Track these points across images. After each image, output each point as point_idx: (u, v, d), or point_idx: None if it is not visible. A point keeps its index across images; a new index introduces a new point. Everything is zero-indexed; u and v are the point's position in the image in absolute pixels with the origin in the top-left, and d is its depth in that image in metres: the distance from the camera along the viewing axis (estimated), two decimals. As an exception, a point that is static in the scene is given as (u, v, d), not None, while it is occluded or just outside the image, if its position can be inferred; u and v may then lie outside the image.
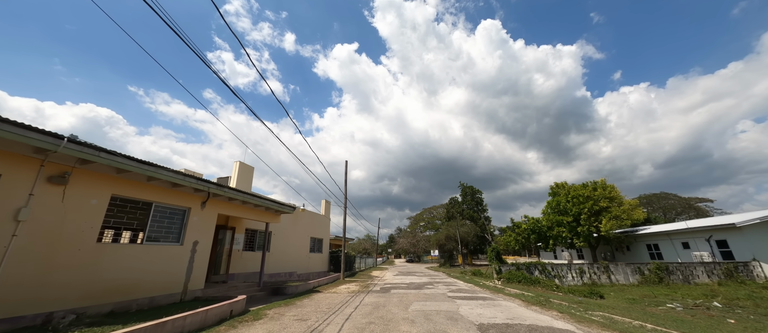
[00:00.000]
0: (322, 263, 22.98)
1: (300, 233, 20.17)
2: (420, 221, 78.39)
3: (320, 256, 22.81)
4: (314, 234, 22.04)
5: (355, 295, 12.76)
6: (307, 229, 21.17)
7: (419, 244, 70.72)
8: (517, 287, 15.62)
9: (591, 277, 19.41)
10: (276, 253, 17.33)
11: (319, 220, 23.02)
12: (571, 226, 30.52)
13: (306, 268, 20.49)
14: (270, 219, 13.55)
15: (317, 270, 22.17)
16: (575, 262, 20.94)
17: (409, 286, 16.40)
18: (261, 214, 12.89)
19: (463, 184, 55.89)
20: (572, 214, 30.59)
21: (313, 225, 22.06)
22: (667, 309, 11.35)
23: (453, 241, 48.69)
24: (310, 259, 21.12)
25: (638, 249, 28.09)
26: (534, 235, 34.11)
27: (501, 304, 10.33)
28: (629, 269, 19.49)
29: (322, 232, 23.33)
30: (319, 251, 22.91)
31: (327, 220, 24.27)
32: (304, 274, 20.17)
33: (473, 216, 52.06)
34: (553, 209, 33.40)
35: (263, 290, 12.42)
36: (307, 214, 21.32)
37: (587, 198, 29.03)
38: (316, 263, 22.14)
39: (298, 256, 19.62)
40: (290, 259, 18.70)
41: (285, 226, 18.46)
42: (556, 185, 35.16)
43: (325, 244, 23.79)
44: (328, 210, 24.96)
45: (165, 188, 8.79)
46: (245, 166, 15.24)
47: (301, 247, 20.24)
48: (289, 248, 18.75)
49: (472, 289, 15.19)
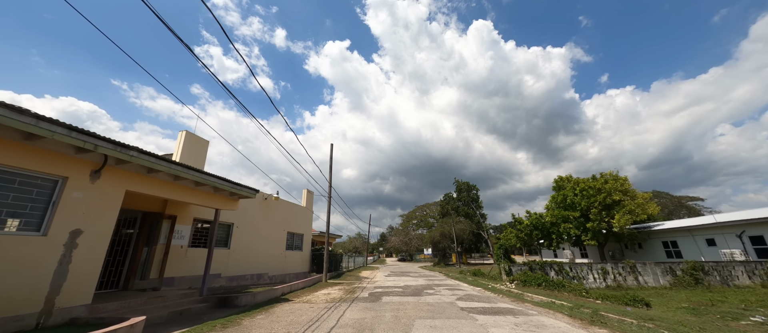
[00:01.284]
0: (302, 263, 19.48)
1: (274, 227, 16.64)
2: (412, 219, 75.35)
3: (300, 254, 19.30)
4: (292, 228, 18.52)
5: (334, 305, 9.38)
6: (284, 222, 17.65)
7: (412, 243, 67.62)
8: (539, 292, 12.47)
9: (615, 278, 16.48)
10: (240, 251, 13.78)
11: (298, 212, 19.52)
12: (578, 221, 27.73)
13: (281, 269, 16.97)
14: (222, 204, 10.03)
15: (296, 271, 18.66)
16: (587, 261, 18.04)
17: (405, 291, 13.08)
18: (207, 198, 9.38)
19: (458, 180, 53.00)
20: (580, 209, 27.81)
21: (292, 218, 18.55)
22: (755, 324, 8.33)
23: (448, 239, 45.66)
24: (286, 257, 17.60)
25: (652, 247, 25.46)
26: (536, 231, 31.25)
27: (542, 321, 7.09)
28: (659, 269, 16.62)
29: (303, 227, 19.83)
30: (299, 249, 19.40)
31: (309, 212, 20.78)
32: (278, 275, 16.64)
33: (469, 213, 49.17)
34: (557, 204, 30.59)
35: (206, 301, 8.90)
36: (282, 205, 17.79)
37: (598, 191, 26.29)
38: (295, 263, 18.63)
39: (270, 254, 16.09)
40: (260, 257, 15.16)
41: (253, 218, 14.92)
42: (561, 178, 32.41)
43: (307, 240, 20.29)
44: (311, 201, 21.46)
45: (13, 141, 5.26)
46: (195, 137, 11.66)
47: (276, 244, 16.71)
48: (259, 245, 15.22)
49: (484, 295, 11.96)
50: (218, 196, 9.80)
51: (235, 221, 13.57)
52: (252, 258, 14.56)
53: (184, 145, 11.24)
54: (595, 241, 26.61)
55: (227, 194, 10.09)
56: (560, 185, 32.06)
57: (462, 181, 52.41)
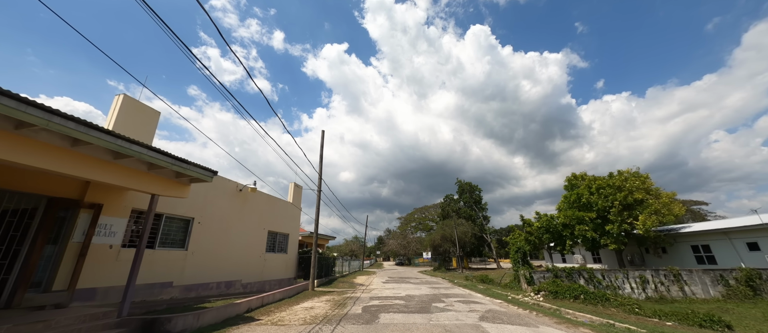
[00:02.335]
0: (286, 267, 16.63)
1: (251, 224, 13.83)
2: (411, 222, 72.56)
3: (284, 257, 16.45)
4: (275, 227, 15.70)
5: (313, 330, 6.61)
6: (264, 219, 14.84)
7: (410, 246, 64.75)
8: (579, 307, 9.74)
9: (657, 288, 13.80)
10: (203, 253, 10.96)
11: (283, 208, 16.70)
12: (595, 223, 25.12)
13: (259, 275, 14.13)
14: (163, 188, 7.25)
15: (279, 276, 15.81)
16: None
17: (409, 305, 10.30)
18: (135, 178, 6.61)
19: (461, 181, 50.37)
20: (596, 209, 25.21)
21: (274, 214, 15.74)
22: None
23: (449, 242, 42.89)
24: (266, 261, 14.75)
25: (679, 251, 22.84)
26: (547, 234, 28.54)
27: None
28: (708, 278, 13.95)
29: (289, 225, 17.01)
30: (283, 251, 16.56)
31: (296, 210, 17.96)
32: (255, 283, 13.79)
33: (471, 214, 46.49)
34: (570, 204, 27.97)
35: (123, 326, 6.08)
36: (262, 199, 14.99)
37: (618, 189, 23.71)
38: (277, 267, 15.78)
39: (245, 257, 13.26)
40: (231, 261, 12.34)
41: (223, 212, 12.12)
42: (574, 176, 29.86)
43: (293, 241, 17.45)
44: (299, 197, 18.66)
45: None
46: (138, 105, 8.88)
47: (253, 245, 13.89)
48: (231, 246, 12.41)
49: (511, 311, 9.21)
50: (154, 176, 7.02)
51: (196, 215, 10.76)
52: (220, 262, 11.73)
53: (120, 111, 8.46)
54: (615, 244, 23.97)
55: (171, 175, 7.32)
56: (573, 183, 29.49)
57: (464, 182, 49.79)
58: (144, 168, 6.77)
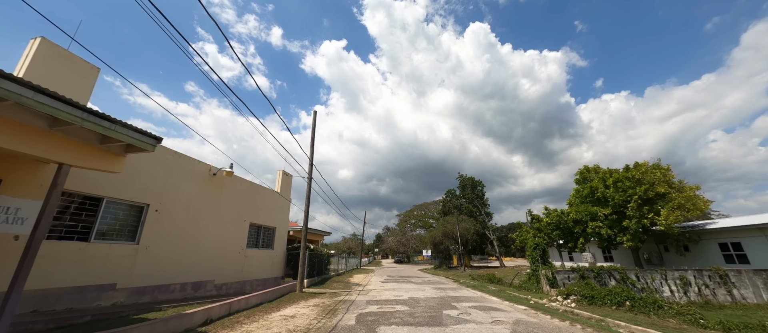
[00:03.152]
0: (272, 265, 14.56)
1: (228, 215, 11.76)
2: (410, 219, 70.67)
3: (269, 254, 14.39)
4: (259, 219, 13.63)
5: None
6: (245, 209, 12.77)
7: (409, 244, 62.86)
8: (627, 318, 7.74)
9: (700, 291, 11.83)
10: (162, 248, 8.90)
11: (268, 198, 14.63)
12: (611, 219, 23.18)
13: (238, 274, 12.07)
14: (78, 157, 5.18)
15: (263, 276, 13.76)
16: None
17: (414, 313, 8.27)
18: (33, 140, 4.54)
19: (463, 176, 48.38)
20: (612, 204, 23.26)
21: (258, 205, 13.67)
22: None
23: (450, 240, 40.94)
24: (248, 258, 12.69)
25: (704, 249, 20.92)
26: (557, 231, 26.59)
27: None
28: (760, 280, 12.00)
29: (276, 218, 14.95)
30: (268, 246, 14.50)
31: (284, 201, 15.89)
32: (233, 283, 11.74)
33: (473, 211, 44.54)
34: (583, 198, 26.02)
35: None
36: (242, 186, 12.91)
37: (637, 182, 21.74)
38: (261, 265, 13.72)
39: (220, 253, 11.20)
40: (202, 258, 10.28)
41: (190, 199, 10.05)
42: (587, 169, 27.91)
43: (281, 236, 15.39)
44: (288, 187, 16.57)
45: None
46: (59, 50, 6.78)
47: (230, 239, 11.83)
48: (201, 239, 10.35)
49: (547, 322, 7.17)
50: (63, 139, 4.94)
51: (152, 201, 8.68)
52: (185, 258, 9.66)
53: (35, 58, 6.35)
54: (633, 242, 22.03)
55: (94, 139, 5.26)
56: (586, 177, 27.54)
57: (466, 177, 47.80)
58: (43, 124, 4.69)
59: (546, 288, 12.37)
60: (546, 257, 14.43)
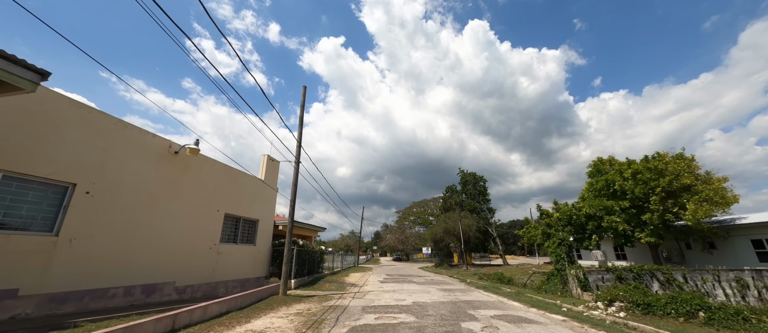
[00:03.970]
0: (253, 263, 12.51)
1: (194, 203, 9.70)
2: (409, 216, 68.80)
3: (250, 250, 12.34)
4: (236, 210, 11.57)
5: None
6: (218, 197, 10.71)
7: (408, 241, 61.04)
8: None
9: (761, 295, 9.87)
10: (95, 241, 6.84)
11: (249, 186, 12.57)
12: (629, 213, 21.29)
13: (208, 274, 10.01)
14: None
15: (241, 275, 11.72)
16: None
17: (423, 327, 6.24)
18: None
19: (464, 171, 46.42)
20: (630, 198, 21.36)
21: (235, 193, 11.61)
22: None
23: (452, 237, 39.02)
24: (222, 255, 10.62)
25: (733, 247, 19.05)
26: (569, 227, 24.67)
27: None
28: (832, 282, 10.03)
29: (258, 209, 12.90)
30: (249, 242, 12.45)
31: (270, 191, 13.82)
32: (201, 285, 9.69)
33: (476, 207, 42.61)
34: (597, 192, 24.11)
35: None
36: (215, 170, 10.83)
37: (659, 173, 19.82)
38: (240, 263, 11.66)
39: (183, 248, 9.15)
40: (157, 254, 8.23)
41: (139, 180, 7.98)
42: (601, 160, 25.97)
43: (265, 230, 13.34)
44: (275, 174, 14.50)
45: None
46: None
47: (198, 232, 9.77)
48: (156, 231, 8.30)
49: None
50: None
51: (80, 180, 6.61)
52: (133, 255, 7.61)
53: None
54: (652, 238, 20.14)
55: None
56: (600, 169, 25.60)
57: (467, 172, 45.84)
58: None
59: (576, 291, 10.41)
60: (573, 256, 12.46)
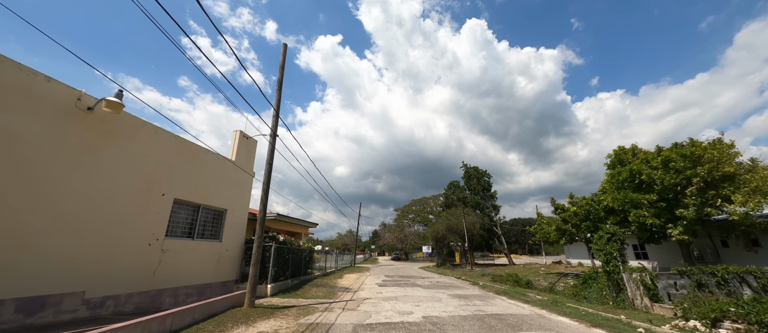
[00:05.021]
0: (218, 264, 9.81)
1: (125, 182, 7.05)
2: (408, 214, 66.19)
3: (214, 248, 9.66)
4: (193, 195, 8.90)
5: None
6: (163, 176, 8.03)
7: (407, 240, 58.47)
8: None
9: None
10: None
11: (211, 167, 9.90)
12: (658, 207, 18.76)
13: (145, 279, 7.34)
14: None
15: (200, 280, 9.04)
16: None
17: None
18: None
19: (467, 165, 43.87)
20: (659, 189, 18.85)
21: (190, 174, 8.94)
22: None
23: (455, 235, 36.45)
24: (168, 254, 7.94)
25: (782, 244, 16.58)
26: (587, 222, 22.12)
27: None
28: None
29: (226, 197, 10.22)
30: (213, 237, 9.78)
31: (244, 177, 11.15)
32: (134, 295, 7.02)
33: (479, 203, 40.06)
34: (619, 184, 21.57)
35: None
36: (157, 139, 8.13)
37: (696, 161, 17.30)
38: (198, 264, 8.98)
39: (103, 243, 6.49)
40: (54, 253, 5.59)
41: (23, 144, 5.30)
42: (623, 149, 23.48)
43: (234, 223, 10.64)
44: (250, 156, 11.81)
45: None
46: None
47: (129, 222, 7.11)
48: (53, 219, 5.64)
49: None
50: None
51: None
52: (5, 253, 4.94)
53: None
54: (688, 235, 17.63)
55: None
56: (622, 159, 23.09)
57: (471, 167, 43.29)
58: None
59: (642, 301, 7.84)
60: (623, 255, 9.81)
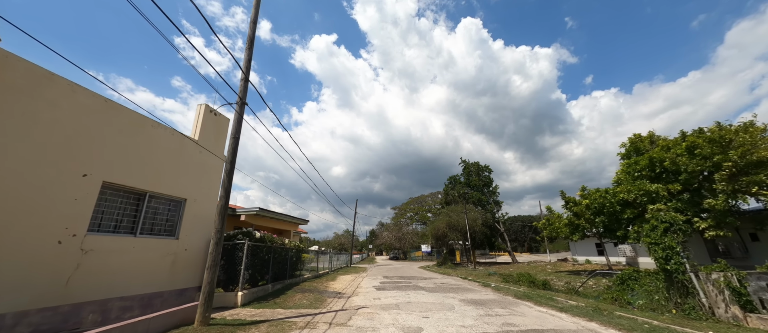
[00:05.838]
0: (173, 268, 7.76)
1: (18, 154, 4.99)
2: (406, 212, 64.34)
3: (167, 246, 7.62)
4: (133, 179, 6.85)
5: None
6: (82, 150, 6.00)
7: (406, 239, 56.58)
8: None
9: None
10: None
11: (163, 144, 7.84)
12: (682, 199, 17.03)
13: (52, 291, 5.30)
14: None
15: (144, 289, 6.98)
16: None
17: None
18: None
19: (466, 160, 42.05)
20: (684, 178, 17.11)
21: (130, 150, 6.89)
22: None
23: (456, 232, 34.59)
24: (92, 255, 5.90)
25: (823, 236, 14.87)
26: (601, 216, 20.34)
27: None
28: None
29: (186, 184, 8.19)
30: (166, 233, 7.73)
31: (211, 160, 9.09)
32: (26, 313, 4.95)
33: (481, 199, 38.24)
34: (636, 174, 19.81)
35: None
36: (72, 99, 6.08)
37: (725, 146, 15.56)
38: (141, 268, 6.93)
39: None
40: None
41: None
42: (639, 137, 21.78)
43: (196, 216, 8.56)
44: (220, 136, 9.74)
45: None
46: None
47: (22, 212, 5.04)
48: None
49: None
50: None
51: None
52: None
53: None
54: (716, 230, 15.88)
55: None
56: (639, 147, 21.35)
57: (471, 162, 41.47)
58: None
59: (728, 310, 5.94)
60: (688, 249, 7.88)
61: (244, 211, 13.69)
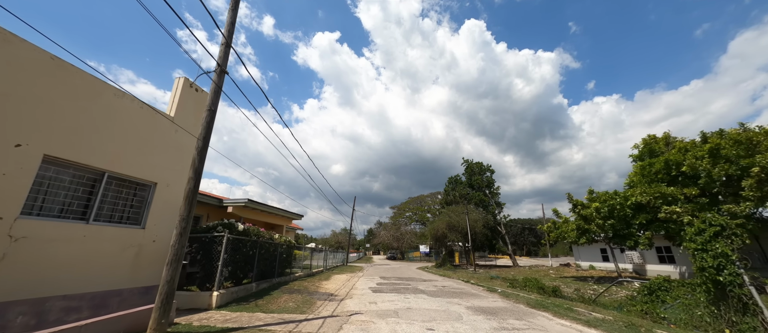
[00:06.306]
0: (136, 262, 6.70)
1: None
2: (405, 212, 63.23)
3: (130, 237, 6.56)
4: (86, 155, 5.80)
5: None
6: (16, 116, 4.90)
7: (404, 239, 55.47)
8: None
9: None
10: None
11: (127, 116, 6.76)
12: (698, 202, 15.95)
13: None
14: None
15: (98, 287, 5.92)
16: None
17: None
18: None
19: (468, 160, 40.97)
20: (704, 182, 16.02)
21: (85, 121, 5.82)
22: None
23: (456, 233, 33.51)
24: (25, 244, 4.87)
25: None
26: (612, 220, 19.24)
27: None
28: None
29: (154, 165, 7.12)
30: (130, 221, 6.68)
31: (186, 139, 8.02)
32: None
33: (483, 199, 37.17)
34: (651, 176, 18.74)
35: None
36: (9, 49, 4.98)
37: (754, 148, 14.44)
38: (94, 260, 5.88)
39: None
40: None
41: None
42: (654, 138, 20.68)
43: (166, 202, 7.48)
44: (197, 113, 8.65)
45: None
46: None
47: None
48: None
49: None
50: None
51: None
52: None
53: None
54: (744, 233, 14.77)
55: None
56: (653, 149, 20.28)
57: (473, 162, 40.38)
58: None
59: None
60: (745, 258, 6.82)
61: (231, 202, 12.60)
